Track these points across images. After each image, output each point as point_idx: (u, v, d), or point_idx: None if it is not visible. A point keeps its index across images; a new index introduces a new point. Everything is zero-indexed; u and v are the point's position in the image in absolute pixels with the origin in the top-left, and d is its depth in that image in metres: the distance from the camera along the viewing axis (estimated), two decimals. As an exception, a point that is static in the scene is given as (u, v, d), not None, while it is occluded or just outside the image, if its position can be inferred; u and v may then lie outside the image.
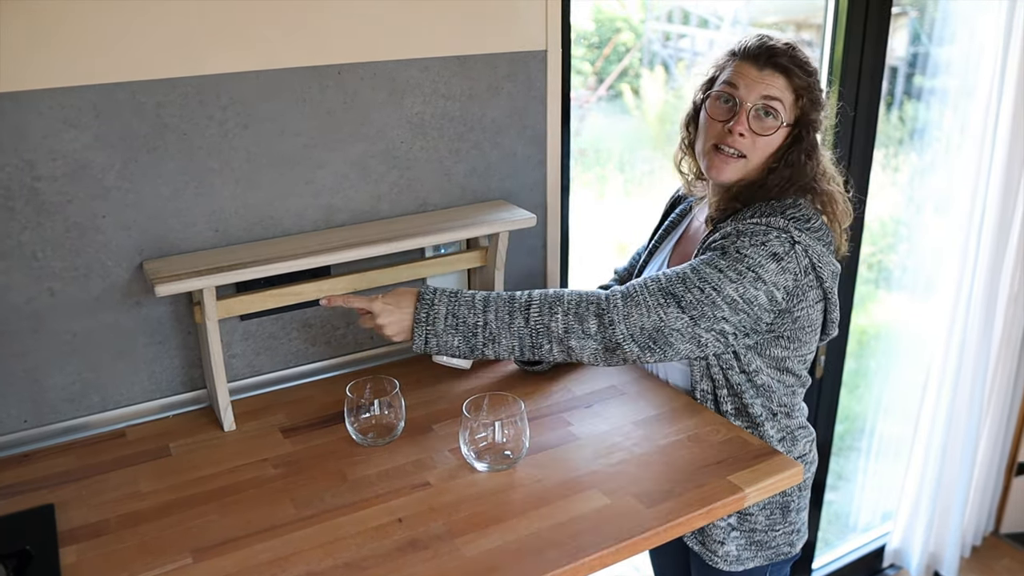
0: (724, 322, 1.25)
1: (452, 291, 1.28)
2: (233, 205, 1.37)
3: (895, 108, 2.55)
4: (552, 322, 1.25)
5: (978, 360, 2.48)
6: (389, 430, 1.30)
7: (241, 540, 1.08)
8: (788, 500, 1.42)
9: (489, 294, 1.28)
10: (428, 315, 1.26)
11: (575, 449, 1.28)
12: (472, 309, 1.26)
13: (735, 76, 1.33)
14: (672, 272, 1.28)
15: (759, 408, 1.36)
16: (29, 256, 1.24)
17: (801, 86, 1.32)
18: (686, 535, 1.40)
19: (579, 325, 1.24)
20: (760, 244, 1.26)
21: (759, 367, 1.35)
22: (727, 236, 1.29)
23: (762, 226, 1.28)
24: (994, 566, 2.86)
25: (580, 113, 2.75)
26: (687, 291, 1.25)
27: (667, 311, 1.24)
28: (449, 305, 1.26)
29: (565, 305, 1.26)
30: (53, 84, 1.18)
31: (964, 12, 2.30)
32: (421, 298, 1.27)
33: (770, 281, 1.25)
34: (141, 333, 1.36)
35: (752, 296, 1.25)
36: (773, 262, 1.26)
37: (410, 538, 1.09)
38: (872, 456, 2.88)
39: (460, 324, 1.26)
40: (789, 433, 1.41)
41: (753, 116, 1.31)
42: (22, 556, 1.05)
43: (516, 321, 1.26)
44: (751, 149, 1.33)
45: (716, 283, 1.25)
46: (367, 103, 1.42)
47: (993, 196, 2.30)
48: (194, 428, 1.36)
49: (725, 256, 1.26)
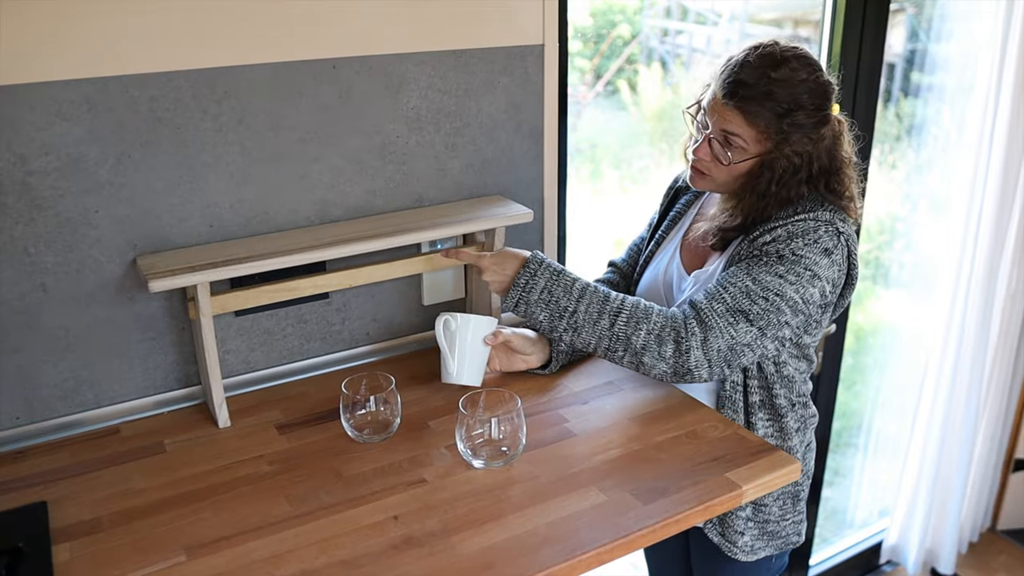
0: (787, 327, 1.28)
1: (556, 269, 1.31)
2: (227, 200, 1.36)
3: (892, 105, 2.54)
4: (634, 335, 1.27)
5: (975, 356, 2.48)
6: (385, 427, 1.29)
7: (235, 538, 1.08)
8: (799, 490, 1.46)
9: (587, 285, 1.31)
10: (527, 283, 1.30)
11: (572, 446, 1.27)
12: (568, 294, 1.29)
13: (709, 99, 1.33)
14: (732, 287, 1.28)
15: (783, 399, 1.38)
16: (21, 251, 1.23)
17: (764, 124, 1.28)
18: (706, 526, 1.43)
19: (657, 346, 1.27)
20: (813, 242, 1.28)
21: (786, 359, 1.37)
22: (778, 239, 1.29)
23: (811, 221, 1.29)
24: (991, 562, 2.86)
25: (576, 110, 2.74)
26: (753, 303, 1.26)
27: (737, 328, 1.26)
28: (548, 281, 1.30)
29: (650, 323, 1.28)
30: (45, 78, 1.17)
31: (962, 9, 2.29)
32: (526, 265, 1.31)
33: (824, 276, 1.28)
34: (135, 329, 1.35)
35: (810, 295, 1.28)
36: (825, 257, 1.28)
37: (406, 535, 1.08)
38: (869, 452, 2.89)
39: (552, 302, 1.29)
40: (803, 423, 1.44)
41: (714, 143, 1.32)
42: (15, 554, 1.04)
43: (603, 321, 1.28)
44: (713, 171, 1.35)
45: (779, 288, 1.26)
46: (362, 97, 1.41)
47: (991, 193, 2.30)
48: (188, 425, 1.35)
49: (783, 260, 1.27)
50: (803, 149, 1.30)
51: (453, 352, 1.35)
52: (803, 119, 1.28)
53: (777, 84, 1.26)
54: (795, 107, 1.27)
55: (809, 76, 1.28)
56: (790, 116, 1.27)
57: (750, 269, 1.28)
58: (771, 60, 1.27)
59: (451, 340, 1.35)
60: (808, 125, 1.29)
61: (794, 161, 1.30)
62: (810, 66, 1.29)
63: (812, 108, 1.29)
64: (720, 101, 1.30)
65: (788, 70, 1.27)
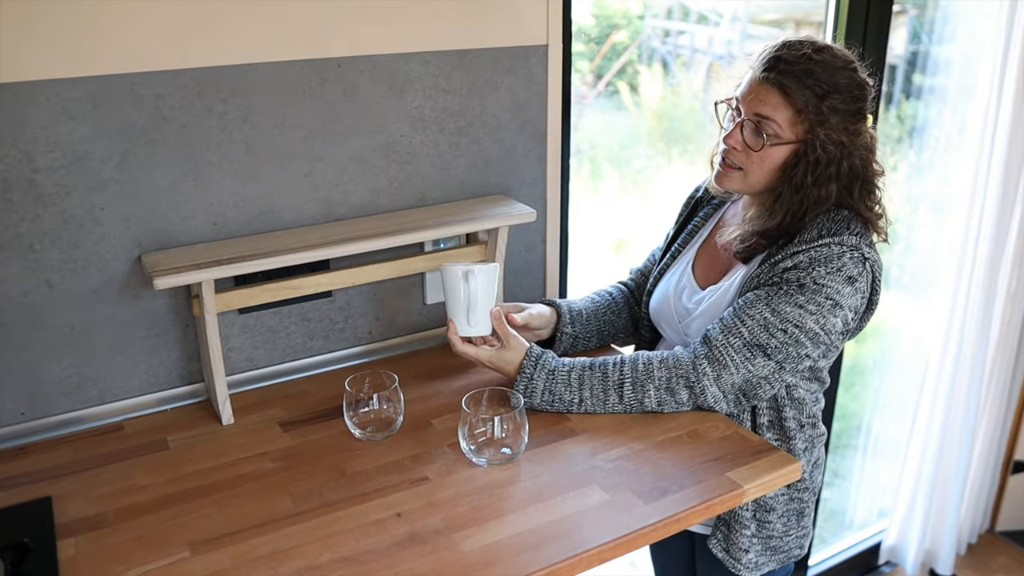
0: (807, 359, 1.27)
1: (551, 367, 1.32)
2: (232, 198, 1.36)
3: (894, 107, 2.55)
4: (645, 398, 1.30)
5: (975, 358, 2.48)
6: (388, 424, 1.29)
7: (239, 534, 1.08)
8: (804, 507, 1.42)
9: (585, 367, 1.32)
10: (527, 388, 1.32)
11: (574, 444, 1.27)
12: (568, 387, 1.31)
13: (744, 87, 1.29)
14: (749, 319, 1.25)
15: (792, 421, 1.36)
16: (27, 248, 1.23)
17: (803, 103, 1.23)
18: (711, 542, 1.39)
19: (671, 398, 1.30)
20: (836, 270, 1.24)
21: (798, 382, 1.35)
22: (799, 267, 1.24)
23: (835, 247, 1.24)
24: (990, 564, 2.86)
25: (577, 110, 2.74)
26: (771, 337, 1.25)
27: (755, 363, 1.26)
28: (547, 382, 1.32)
29: (655, 381, 1.29)
30: (52, 75, 1.17)
31: (964, 11, 2.30)
32: (522, 370, 1.32)
33: (846, 305, 1.25)
34: (139, 326, 1.35)
35: (831, 325, 1.25)
36: (848, 286, 1.25)
37: (409, 533, 1.08)
38: (868, 454, 2.89)
39: (556, 400, 1.32)
40: (811, 442, 1.41)
41: (747, 130, 1.28)
42: (20, 549, 1.05)
43: (610, 399, 1.31)
44: (745, 163, 1.30)
45: (798, 320, 1.24)
46: (367, 97, 1.41)
47: (992, 196, 2.30)
48: (192, 421, 1.35)
49: (803, 290, 1.24)
50: (838, 139, 1.25)
51: (474, 305, 1.32)
52: (840, 105, 1.24)
53: (818, 65, 1.23)
54: (833, 90, 1.23)
55: (848, 66, 1.26)
56: (828, 98, 1.23)
57: (769, 299, 1.25)
58: (813, 44, 1.26)
59: (466, 293, 1.31)
60: (845, 112, 1.25)
61: (829, 150, 1.25)
62: (850, 60, 1.27)
63: (850, 97, 1.25)
64: (758, 78, 1.26)
65: (830, 55, 1.25)
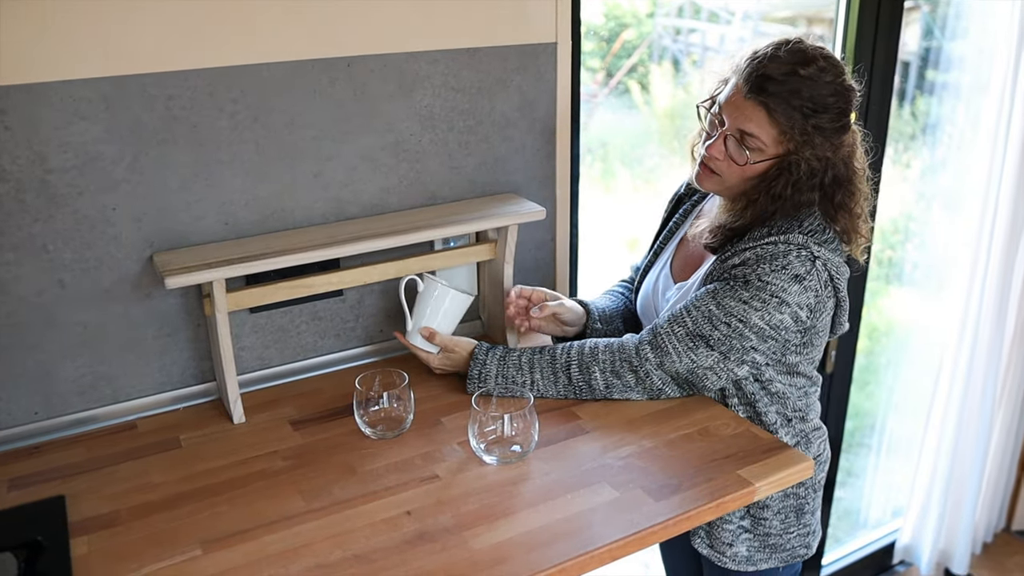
0: (754, 352, 1.27)
1: (502, 351, 1.37)
2: (243, 198, 1.37)
3: (907, 103, 2.53)
4: (592, 380, 1.34)
5: (990, 356, 2.46)
6: (398, 423, 1.30)
7: (250, 532, 1.09)
8: (802, 503, 1.41)
9: (534, 352, 1.37)
10: (481, 373, 1.36)
11: (584, 442, 1.27)
12: (519, 370, 1.36)
13: (728, 94, 1.26)
14: (695, 310, 1.27)
15: (773, 415, 1.35)
16: (39, 248, 1.24)
17: (788, 124, 1.21)
18: (695, 540, 1.40)
19: (618, 380, 1.33)
20: (781, 268, 1.24)
21: (772, 376, 1.34)
22: (747, 263, 1.25)
23: (781, 245, 1.25)
24: (1005, 563, 2.84)
25: (588, 109, 2.74)
26: (714, 329, 1.26)
27: (697, 353, 1.28)
28: (499, 367, 1.36)
29: (600, 364, 1.33)
30: (64, 76, 1.18)
31: (977, 7, 2.28)
32: (474, 357, 1.37)
33: (794, 303, 1.25)
34: (151, 325, 1.36)
35: (778, 321, 1.25)
36: (795, 284, 1.24)
37: (419, 531, 1.08)
38: (882, 452, 2.87)
39: (510, 384, 1.36)
40: (804, 437, 1.40)
41: (730, 142, 1.27)
42: (33, 547, 1.05)
43: (560, 380, 1.35)
44: (725, 171, 1.29)
45: (742, 315, 1.25)
46: (377, 96, 1.42)
47: (1006, 192, 2.29)
48: (204, 420, 1.36)
49: (748, 286, 1.25)
50: (823, 154, 1.25)
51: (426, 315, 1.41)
52: (827, 123, 1.23)
53: (805, 82, 1.20)
54: (820, 109, 1.21)
55: (836, 78, 1.22)
56: (815, 117, 1.21)
57: (716, 293, 1.27)
58: (800, 57, 1.21)
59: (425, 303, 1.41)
60: (831, 130, 1.24)
61: (813, 165, 1.24)
62: (837, 68, 1.23)
63: (836, 112, 1.23)
64: (743, 96, 1.23)
65: (817, 69, 1.21)
